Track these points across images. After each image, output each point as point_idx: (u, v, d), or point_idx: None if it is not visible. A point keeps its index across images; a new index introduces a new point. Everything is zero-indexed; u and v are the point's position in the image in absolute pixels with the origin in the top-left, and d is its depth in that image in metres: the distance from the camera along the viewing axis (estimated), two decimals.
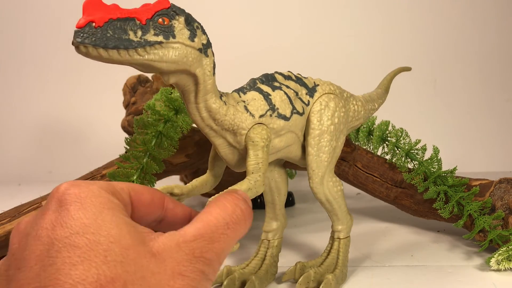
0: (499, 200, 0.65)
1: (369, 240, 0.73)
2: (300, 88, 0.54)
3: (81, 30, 0.35)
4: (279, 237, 0.60)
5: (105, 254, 0.27)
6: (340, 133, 0.55)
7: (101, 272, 0.26)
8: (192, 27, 0.41)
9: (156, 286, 0.28)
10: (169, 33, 0.39)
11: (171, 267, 0.29)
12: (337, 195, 0.55)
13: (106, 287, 0.26)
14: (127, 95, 0.89)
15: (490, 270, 0.60)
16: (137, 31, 0.37)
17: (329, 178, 0.55)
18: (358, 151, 0.76)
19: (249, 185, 0.46)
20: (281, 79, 0.53)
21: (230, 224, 0.33)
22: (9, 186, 1.22)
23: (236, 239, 0.34)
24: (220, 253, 0.32)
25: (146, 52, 0.38)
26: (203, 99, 0.44)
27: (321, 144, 0.53)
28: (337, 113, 0.55)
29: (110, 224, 0.28)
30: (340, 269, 0.56)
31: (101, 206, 0.29)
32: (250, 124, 0.48)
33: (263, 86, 0.51)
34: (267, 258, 0.58)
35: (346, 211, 0.57)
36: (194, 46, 0.41)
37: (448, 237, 0.73)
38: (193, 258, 0.30)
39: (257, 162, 0.47)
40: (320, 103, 0.54)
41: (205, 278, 0.30)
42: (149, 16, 0.38)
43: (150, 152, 0.65)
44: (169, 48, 0.39)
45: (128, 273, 0.27)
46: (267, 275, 0.57)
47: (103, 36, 0.35)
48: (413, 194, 0.72)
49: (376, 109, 0.66)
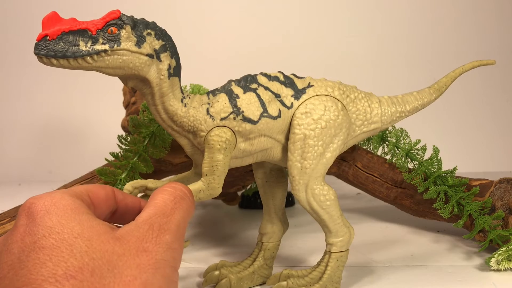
0: (499, 200, 0.65)
1: (369, 240, 0.73)
2: (286, 90, 0.52)
3: (38, 43, 0.41)
4: (273, 241, 0.58)
5: (71, 248, 0.30)
6: (333, 138, 0.51)
7: (69, 265, 0.29)
8: (141, 34, 0.45)
9: (123, 266, 0.30)
10: (115, 41, 0.43)
11: (135, 245, 0.32)
12: (325, 205, 0.51)
13: (75, 277, 0.29)
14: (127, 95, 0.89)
15: (490, 270, 0.60)
16: (87, 41, 0.42)
17: (315, 186, 0.51)
18: (358, 151, 0.76)
19: (202, 186, 0.48)
20: (263, 80, 0.52)
21: (177, 199, 0.37)
22: (9, 186, 1.22)
23: (187, 212, 0.37)
24: (177, 224, 0.35)
25: (94, 60, 0.42)
26: (160, 101, 0.47)
27: (303, 149, 0.50)
28: (326, 116, 0.50)
29: (72, 222, 0.31)
30: (322, 284, 0.51)
31: (64, 209, 0.32)
32: (210, 127, 0.48)
33: (236, 88, 0.50)
34: (257, 260, 0.57)
35: (341, 223, 0.52)
36: (141, 52, 0.44)
37: (448, 237, 0.73)
38: (153, 232, 0.33)
39: (211, 164, 0.48)
40: (305, 106, 0.51)
41: (169, 248, 0.33)
42: (100, 27, 0.43)
43: (140, 153, 0.65)
44: (114, 56, 0.43)
45: (94, 260, 0.30)
46: (253, 276, 0.56)
47: (55, 47, 0.41)
48: (413, 194, 0.72)
49: (409, 112, 0.58)
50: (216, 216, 0.90)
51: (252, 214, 0.89)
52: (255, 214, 0.89)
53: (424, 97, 0.60)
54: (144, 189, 0.51)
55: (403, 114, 0.58)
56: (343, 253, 0.53)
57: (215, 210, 0.93)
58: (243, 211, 0.93)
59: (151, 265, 0.31)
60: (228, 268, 0.57)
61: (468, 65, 0.62)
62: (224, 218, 0.89)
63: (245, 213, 0.91)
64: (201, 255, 0.68)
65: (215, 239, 0.75)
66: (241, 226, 0.82)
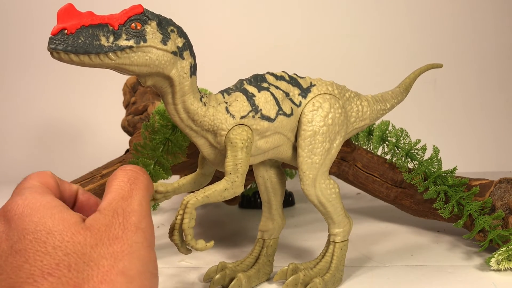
0: (499, 200, 0.65)
1: (369, 240, 0.73)
2: (293, 88, 0.54)
3: (54, 37, 0.38)
4: (274, 237, 0.59)
5: (45, 245, 0.30)
6: (336, 135, 0.54)
7: (45, 263, 0.29)
8: (166, 30, 0.43)
9: (98, 257, 0.31)
10: (140, 37, 0.41)
11: (106, 234, 0.32)
12: (331, 198, 0.54)
13: (53, 274, 0.29)
14: (127, 95, 0.90)
15: (490, 270, 0.60)
16: (109, 37, 0.39)
17: (322, 180, 0.53)
18: (358, 151, 0.76)
19: (226, 185, 0.47)
20: (272, 79, 0.53)
21: (131, 180, 0.37)
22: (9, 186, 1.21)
23: (145, 189, 0.38)
24: (138, 203, 0.36)
25: (117, 56, 0.40)
26: (180, 100, 0.46)
27: (312, 145, 0.52)
28: (332, 114, 0.53)
29: (44, 218, 0.32)
30: (332, 273, 0.54)
31: (36, 208, 0.33)
32: (230, 125, 0.48)
33: (249, 87, 0.51)
34: (261, 257, 0.58)
35: (343, 214, 0.56)
36: (167, 49, 0.43)
37: (448, 237, 0.73)
38: (118, 217, 0.34)
39: (235, 163, 0.48)
40: (313, 104, 0.53)
41: (138, 229, 0.34)
42: (122, 21, 0.40)
43: (158, 159, 0.64)
44: (140, 52, 0.41)
45: (69, 255, 0.30)
46: (258, 274, 0.57)
47: (74, 42, 0.38)
48: (413, 194, 0.72)
49: (388, 109, 0.63)
50: (216, 216, 0.90)
51: (252, 214, 0.89)
52: (255, 214, 0.89)
53: (398, 95, 0.65)
54: (154, 193, 0.50)
55: (385, 111, 0.63)
56: (345, 242, 0.56)
57: (215, 210, 0.93)
58: (243, 211, 0.93)
59: (125, 251, 0.32)
60: (231, 268, 0.57)
61: (423, 67, 0.70)
62: (224, 218, 0.89)
63: (245, 213, 0.91)
64: (201, 254, 0.68)
65: (215, 239, 0.75)
66: (241, 226, 0.82)
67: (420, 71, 0.69)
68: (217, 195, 0.47)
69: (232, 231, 0.80)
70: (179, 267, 0.63)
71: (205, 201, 0.46)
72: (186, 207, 0.45)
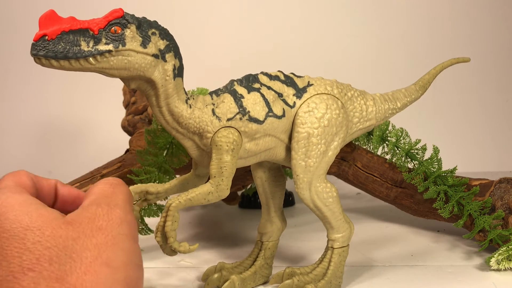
0: (499, 200, 0.65)
1: (369, 240, 0.73)
2: (287, 89, 0.52)
3: (36, 43, 0.39)
4: (273, 240, 0.58)
5: (23, 242, 0.30)
6: (334, 136, 0.52)
7: (24, 258, 0.29)
8: (146, 33, 0.43)
9: (81, 249, 0.31)
10: (119, 41, 0.41)
11: (89, 226, 0.32)
12: (328, 202, 0.52)
13: (33, 269, 0.29)
14: (127, 95, 0.89)
15: (490, 270, 0.60)
16: (89, 41, 0.40)
17: (318, 184, 0.51)
18: (358, 150, 0.76)
19: (210, 188, 0.47)
20: (265, 80, 0.52)
21: (113, 184, 0.38)
22: None
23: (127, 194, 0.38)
24: (123, 199, 0.36)
25: (97, 60, 0.41)
26: (164, 102, 0.46)
27: (306, 148, 0.50)
28: (328, 115, 0.51)
29: (21, 216, 0.31)
30: (327, 280, 0.52)
31: (12, 207, 0.32)
32: (216, 128, 0.48)
33: (239, 88, 0.50)
34: (258, 259, 0.57)
35: (342, 219, 0.53)
36: (147, 52, 0.43)
37: (448, 237, 0.73)
38: (102, 209, 0.34)
39: (220, 166, 0.47)
40: (307, 104, 0.51)
41: (123, 222, 0.34)
42: (102, 26, 0.41)
43: (161, 165, 0.64)
44: (119, 56, 0.41)
45: (50, 249, 0.30)
46: (255, 276, 0.56)
47: (55, 47, 0.39)
48: (413, 194, 0.72)
49: (399, 109, 0.59)
50: (216, 216, 0.90)
51: (252, 214, 0.89)
52: (255, 214, 0.89)
53: (412, 93, 0.61)
54: (145, 194, 0.51)
55: (395, 110, 0.59)
56: (345, 248, 0.54)
57: (215, 210, 0.93)
58: (243, 211, 0.93)
59: (109, 242, 0.32)
60: (228, 269, 0.56)
61: (446, 62, 0.64)
62: (224, 218, 0.89)
63: (245, 213, 0.91)
64: (201, 254, 0.68)
65: (215, 239, 0.75)
66: (241, 226, 0.82)
67: (442, 67, 0.63)
68: (201, 198, 0.47)
69: (232, 231, 0.80)
70: (179, 267, 0.63)
71: (188, 204, 0.46)
72: (169, 209, 0.45)
